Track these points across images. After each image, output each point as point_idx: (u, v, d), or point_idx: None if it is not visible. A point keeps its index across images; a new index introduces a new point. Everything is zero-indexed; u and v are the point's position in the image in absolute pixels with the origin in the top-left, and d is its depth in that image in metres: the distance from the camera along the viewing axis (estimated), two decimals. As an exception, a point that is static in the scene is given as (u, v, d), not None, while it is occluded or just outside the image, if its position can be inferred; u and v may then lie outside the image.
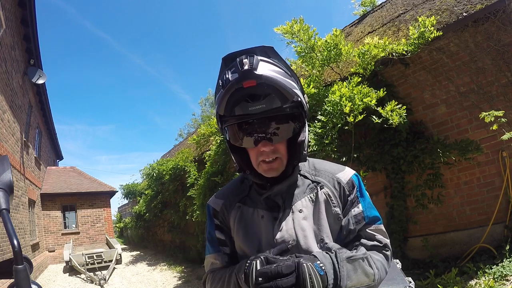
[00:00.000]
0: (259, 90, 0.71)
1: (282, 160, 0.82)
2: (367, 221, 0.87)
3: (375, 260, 0.81)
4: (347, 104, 3.43)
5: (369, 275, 0.77)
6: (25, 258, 0.58)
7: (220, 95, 0.75)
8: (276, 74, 0.72)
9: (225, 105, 0.74)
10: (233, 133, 0.79)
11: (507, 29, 3.67)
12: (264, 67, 0.71)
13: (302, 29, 3.92)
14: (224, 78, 0.73)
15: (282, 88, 0.72)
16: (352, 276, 0.73)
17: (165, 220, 11.45)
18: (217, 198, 0.98)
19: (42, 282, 7.94)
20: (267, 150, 0.78)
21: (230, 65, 0.74)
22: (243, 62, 0.70)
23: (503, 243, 3.59)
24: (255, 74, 0.69)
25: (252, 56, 0.71)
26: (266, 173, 0.82)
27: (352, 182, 0.89)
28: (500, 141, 3.47)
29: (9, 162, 0.65)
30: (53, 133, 13.97)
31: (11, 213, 0.74)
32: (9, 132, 6.67)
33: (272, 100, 0.72)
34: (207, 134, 5.60)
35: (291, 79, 0.76)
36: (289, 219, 0.85)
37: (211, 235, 0.96)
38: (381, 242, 0.86)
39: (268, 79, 0.70)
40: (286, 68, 0.77)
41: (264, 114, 0.73)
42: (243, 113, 0.73)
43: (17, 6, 6.79)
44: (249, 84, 0.70)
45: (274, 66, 0.74)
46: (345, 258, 0.74)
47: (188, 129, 26.65)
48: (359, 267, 0.76)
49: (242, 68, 0.70)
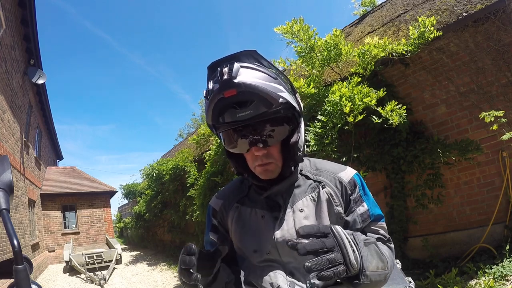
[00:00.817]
0: (243, 97, 0.71)
1: (276, 164, 0.82)
2: (372, 219, 0.88)
3: (384, 249, 0.81)
4: (347, 104, 3.43)
5: (383, 260, 0.75)
6: (25, 258, 0.58)
7: (206, 105, 0.77)
8: (257, 79, 0.71)
9: (211, 115, 0.75)
10: (228, 138, 0.80)
11: (507, 29, 3.67)
12: (244, 74, 0.71)
13: (302, 29, 3.92)
14: (207, 89, 0.74)
15: (263, 93, 0.71)
16: (370, 259, 0.70)
17: (165, 220, 11.45)
18: (217, 199, 1.00)
19: (42, 282, 7.94)
20: (260, 155, 0.79)
21: (213, 75, 0.74)
22: (223, 72, 0.70)
23: (503, 243, 3.59)
24: (234, 83, 0.69)
25: (232, 64, 0.70)
26: (262, 176, 0.83)
27: (354, 182, 0.90)
28: (500, 141, 3.47)
29: (9, 162, 0.65)
30: (53, 133, 13.98)
31: (11, 213, 0.74)
32: (9, 132, 6.67)
33: (258, 106, 0.72)
34: (207, 134, 5.61)
35: (276, 82, 0.75)
36: (290, 218, 0.85)
37: (205, 239, 0.99)
38: (385, 236, 0.88)
39: (247, 86, 0.70)
40: (269, 71, 0.75)
41: (252, 120, 0.73)
42: (232, 120, 0.74)
43: (17, 6, 6.79)
44: (229, 94, 0.70)
45: (256, 72, 0.73)
46: (363, 240, 0.72)
47: (188, 129, 26.68)
48: (374, 251, 0.75)
49: (221, 78, 0.70)
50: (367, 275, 0.67)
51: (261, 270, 0.86)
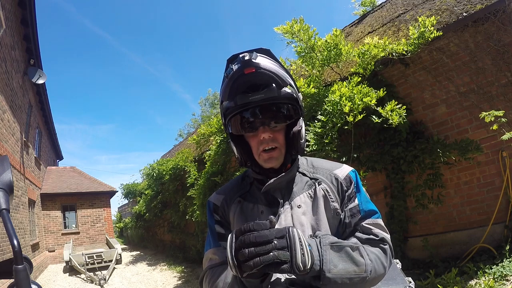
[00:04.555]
0: (258, 79, 0.80)
1: (280, 150, 0.87)
2: (362, 215, 0.88)
3: (368, 251, 0.80)
4: (347, 104, 3.43)
5: (358, 264, 0.76)
6: (25, 258, 0.59)
7: (224, 84, 0.84)
8: (272, 65, 0.82)
9: (228, 92, 0.83)
10: (236, 123, 0.86)
11: (507, 29, 3.67)
12: (262, 59, 0.81)
13: (302, 29, 3.92)
14: (228, 71, 0.82)
15: (277, 75, 0.81)
16: (336, 262, 0.72)
17: (165, 220, 11.46)
18: (218, 194, 1.00)
19: (42, 282, 7.94)
20: (266, 137, 0.84)
21: (234, 61, 0.83)
22: (244, 55, 0.80)
23: (503, 243, 3.59)
24: (253, 62, 0.78)
25: (252, 52, 0.81)
26: (266, 163, 0.86)
27: (350, 178, 0.92)
28: (500, 141, 3.47)
29: (9, 162, 0.66)
30: (53, 133, 13.97)
31: (11, 213, 0.74)
32: (9, 132, 6.66)
33: (269, 91, 0.81)
34: (207, 134, 5.60)
35: (286, 74, 0.86)
36: (288, 214, 0.87)
37: (212, 229, 0.97)
38: (377, 236, 0.86)
39: (265, 67, 0.80)
40: (281, 66, 0.86)
41: (263, 102, 0.82)
42: (244, 102, 0.82)
43: (17, 6, 6.79)
44: (249, 71, 0.78)
45: (271, 60, 0.83)
46: (328, 243, 0.74)
47: (188, 129, 26.67)
48: (345, 254, 0.75)
49: (243, 59, 0.79)
50: (328, 277, 0.70)
51: None
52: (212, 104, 25.49)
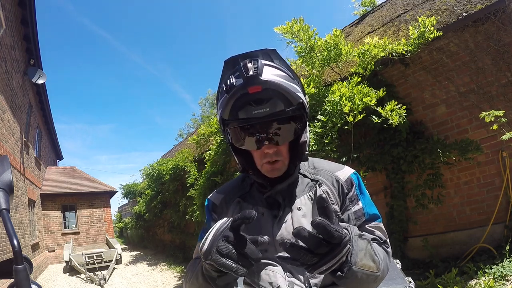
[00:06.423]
0: (264, 95, 0.71)
1: (284, 162, 0.83)
2: (367, 218, 0.87)
3: (378, 250, 0.78)
4: (347, 104, 3.43)
5: (375, 261, 0.71)
6: (25, 258, 0.58)
7: (224, 99, 0.75)
8: (280, 78, 0.73)
9: (229, 110, 0.75)
10: (236, 135, 0.80)
11: (507, 29, 3.67)
12: (268, 72, 0.71)
13: (302, 29, 3.92)
14: (228, 83, 0.74)
15: (286, 92, 0.73)
16: (361, 255, 0.66)
17: (165, 220, 11.45)
18: (218, 193, 0.99)
19: (42, 282, 7.94)
20: (270, 152, 0.79)
21: (234, 70, 0.74)
22: (248, 67, 0.70)
23: (503, 243, 3.59)
24: (260, 79, 0.69)
25: (256, 61, 0.71)
26: (269, 174, 0.83)
27: (351, 180, 0.90)
28: (500, 141, 3.47)
29: (9, 162, 0.65)
30: (53, 133, 13.97)
31: (11, 213, 0.73)
32: (9, 132, 6.66)
33: (275, 103, 0.73)
34: (207, 134, 5.60)
35: (294, 82, 0.77)
36: (288, 217, 0.86)
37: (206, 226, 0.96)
38: (381, 238, 0.86)
39: (273, 84, 0.71)
40: (289, 70, 0.77)
41: (268, 118, 0.73)
42: (246, 116, 0.74)
43: (17, 6, 6.79)
44: (254, 90, 0.70)
45: (278, 70, 0.74)
46: (357, 233, 0.69)
47: (188, 129, 26.65)
48: (367, 248, 0.69)
49: (247, 74, 0.70)
50: (353, 270, 0.63)
51: (259, 268, 0.86)
52: (212, 104, 25.48)
